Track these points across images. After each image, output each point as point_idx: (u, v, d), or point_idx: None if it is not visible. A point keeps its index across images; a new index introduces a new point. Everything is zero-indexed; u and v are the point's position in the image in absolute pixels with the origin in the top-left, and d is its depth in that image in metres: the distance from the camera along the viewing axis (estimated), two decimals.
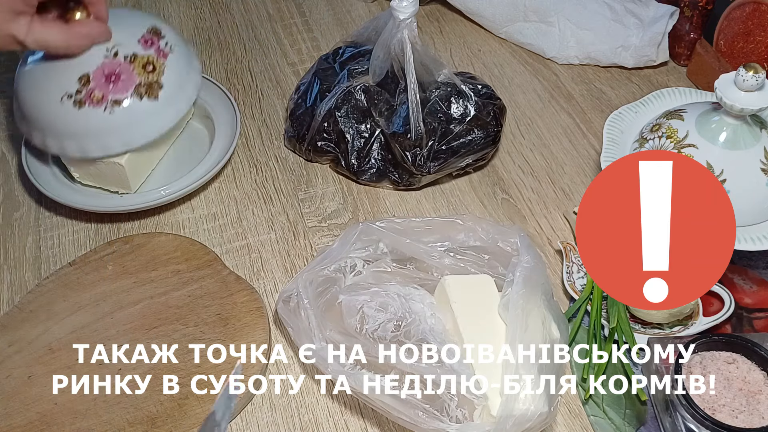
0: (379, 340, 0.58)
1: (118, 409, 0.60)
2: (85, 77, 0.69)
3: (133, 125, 0.70)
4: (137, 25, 0.73)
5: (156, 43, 0.72)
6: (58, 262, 0.72)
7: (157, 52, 0.72)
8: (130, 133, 0.70)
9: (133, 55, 0.70)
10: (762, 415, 0.56)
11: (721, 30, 0.85)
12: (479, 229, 0.65)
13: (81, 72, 0.69)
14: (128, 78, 0.69)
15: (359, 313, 0.60)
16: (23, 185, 0.79)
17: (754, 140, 0.62)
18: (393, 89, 0.78)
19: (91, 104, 0.69)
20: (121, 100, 0.69)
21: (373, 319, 0.59)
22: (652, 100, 0.72)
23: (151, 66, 0.70)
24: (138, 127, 0.71)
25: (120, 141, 0.70)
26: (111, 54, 0.70)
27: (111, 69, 0.69)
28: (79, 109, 0.69)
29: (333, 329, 0.59)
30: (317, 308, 0.60)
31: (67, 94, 0.69)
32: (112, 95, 0.69)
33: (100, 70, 0.69)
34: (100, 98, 0.69)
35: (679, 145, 0.63)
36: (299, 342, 0.60)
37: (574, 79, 0.92)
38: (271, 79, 0.92)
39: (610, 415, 0.61)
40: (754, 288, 0.69)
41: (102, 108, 0.69)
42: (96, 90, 0.69)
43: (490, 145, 0.78)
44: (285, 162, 0.82)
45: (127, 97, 0.69)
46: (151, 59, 0.71)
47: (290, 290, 0.62)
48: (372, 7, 1.03)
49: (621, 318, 0.64)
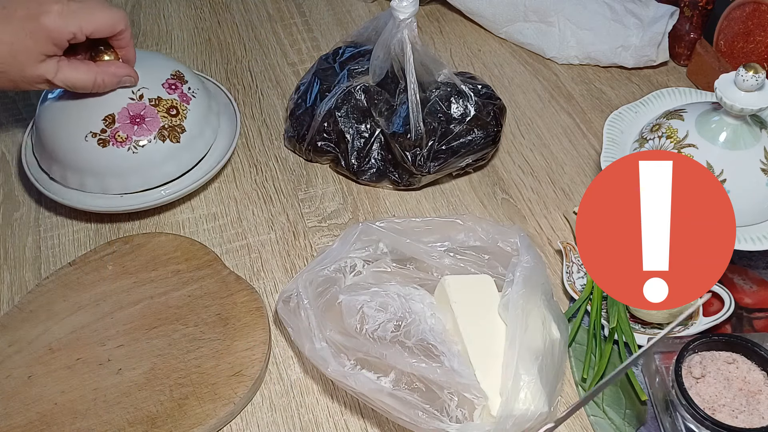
0: (379, 340, 0.58)
1: (118, 409, 0.60)
2: (111, 117, 0.71)
3: (155, 166, 0.72)
4: (162, 69, 0.76)
5: (180, 87, 0.75)
6: (58, 262, 0.72)
7: (180, 97, 0.74)
8: (150, 174, 0.72)
9: (158, 99, 0.73)
10: (762, 415, 0.56)
11: (721, 30, 0.85)
12: (479, 229, 0.65)
13: (106, 112, 0.71)
14: (153, 120, 0.72)
15: (359, 313, 0.60)
16: (23, 185, 0.79)
17: (754, 140, 0.62)
18: (393, 89, 0.78)
19: (115, 144, 0.71)
20: (144, 141, 0.71)
21: (373, 319, 0.59)
22: (652, 100, 0.72)
23: (174, 110, 0.73)
24: (159, 168, 0.73)
25: (140, 180, 0.72)
26: (137, 96, 0.72)
27: (136, 111, 0.72)
28: (103, 147, 0.71)
29: (333, 329, 0.59)
30: (317, 308, 0.60)
31: (92, 132, 0.71)
32: (135, 136, 0.71)
33: (125, 111, 0.71)
34: (124, 138, 0.71)
35: (679, 145, 0.63)
36: (299, 342, 0.60)
37: (574, 79, 0.92)
38: (271, 79, 0.92)
39: (610, 415, 0.61)
40: (754, 288, 0.69)
41: (125, 148, 0.71)
42: (120, 130, 0.71)
43: (490, 145, 0.78)
44: (285, 162, 0.82)
45: (150, 138, 0.72)
46: (175, 103, 0.73)
47: (290, 290, 0.62)
48: (372, 7, 1.03)
49: (621, 318, 0.64)
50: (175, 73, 0.76)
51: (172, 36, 0.98)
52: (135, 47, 0.72)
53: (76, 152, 0.71)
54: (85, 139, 0.71)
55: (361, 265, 0.66)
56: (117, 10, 0.69)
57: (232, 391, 0.61)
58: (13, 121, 0.86)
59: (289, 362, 0.65)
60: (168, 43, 0.96)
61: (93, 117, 0.71)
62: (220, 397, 0.61)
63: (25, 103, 0.88)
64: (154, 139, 0.72)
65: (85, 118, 0.71)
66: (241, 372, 0.62)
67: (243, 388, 0.61)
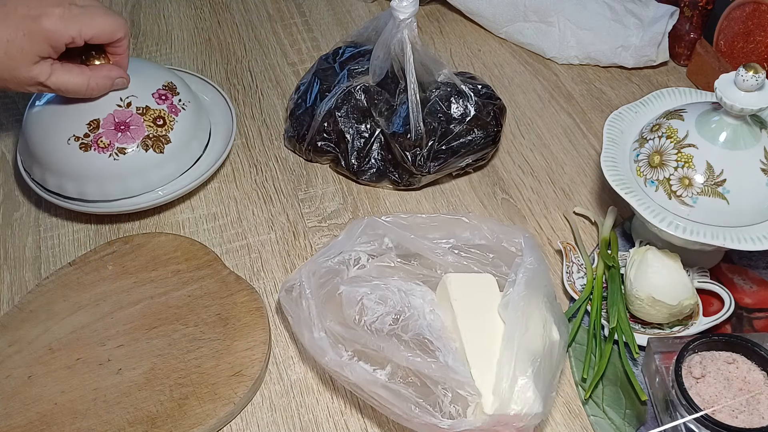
0: (376, 333, 0.58)
1: (118, 409, 0.60)
2: (95, 122, 0.71)
3: (135, 175, 0.72)
4: (154, 78, 0.75)
5: (170, 98, 0.74)
6: (58, 262, 0.72)
7: (169, 108, 0.74)
8: (130, 182, 0.72)
9: (146, 108, 0.72)
10: (762, 415, 0.56)
11: (721, 30, 0.85)
12: (484, 228, 0.65)
13: (92, 117, 0.71)
14: (137, 129, 0.72)
15: (359, 304, 0.60)
16: (23, 185, 0.79)
17: (754, 140, 0.62)
18: (393, 89, 0.78)
19: (97, 149, 0.70)
20: (126, 149, 0.71)
21: (372, 311, 0.59)
22: (652, 100, 0.72)
23: (161, 120, 0.73)
24: (140, 177, 0.72)
25: (120, 188, 0.72)
26: (124, 104, 0.72)
27: (121, 118, 0.71)
28: (84, 152, 0.70)
29: (333, 320, 0.59)
30: (318, 298, 0.60)
31: (75, 136, 0.70)
32: (118, 143, 0.71)
33: (111, 117, 0.71)
34: (107, 144, 0.70)
35: (679, 145, 0.63)
36: (299, 331, 0.60)
37: (574, 79, 0.92)
38: (271, 79, 0.92)
39: (610, 415, 0.61)
40: (754, 288, 0.69)
41: (107, 154, 0.70)
42: (104, 136, 0.70)
43: (490, 145, 0.78)
44: (285, 162, 0.82)
45: (133, 147, 0.71)
46: (163, 114, 0.73)
47: (293, 280, 0.62)
48: (372, 7, 1.03)
49: (621, 318, 0.64)
50: (167, 84, 0.75)
51: (172, 36, 0.98)
52: (134, 49, 0.72)
53: (58, 155, 0.71)
54: (67, 142, 0.70)
55: (365, 259, 0.66)
56: (118, 18, 0.68)
57: (232, 391, 0.61)
58: (13, 121, 0.86)
59: (289, 362, 0.65)
60: (168, 43, 0.96)
61: (78, 121, 0.71)
62: (220, 397, 0.61)
63: (25, 103, 0.88)
64: (137, 147, 0.71)
65: (69, 121, 0.71)
66: (241, 372, 0.62)
67: (243, 388, 0.61)
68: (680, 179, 0.62)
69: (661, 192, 0.63)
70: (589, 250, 0.72)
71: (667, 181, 0.63)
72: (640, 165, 0.65)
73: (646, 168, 0.65)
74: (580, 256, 0.70)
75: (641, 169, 0.65)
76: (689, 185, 0.62)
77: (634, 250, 0.66)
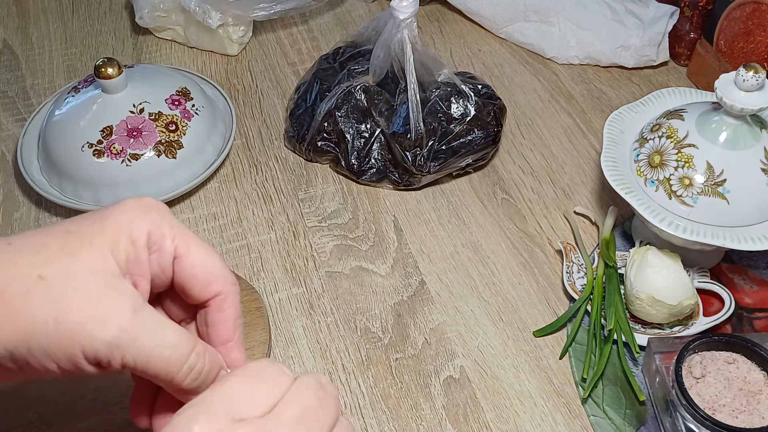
0: None
1: (118, 409, 0.60)
2: (108, 129, 0.72)
3: (148, 180, 0.73)
4: (168, 84, 0.76)
5: (183, 104, 0.75)
6: None
7: (182, 113, 0.75)
8: (143, 188, 0.73)
9: (158, 113, 0.73)
10: (762, 415, 0.56)
11: (721, 30, 0.85)
12: None
13: (105, 124, 0.72)
14: (150, 134, 0.72)
15: None
16: (23, 185, 0.79)
17: (754, 140, 0.62)
18: (393, 89, 0.78)
19: (110, 155, 0.71)
20: (139, 154, 0.72)
21: None
22: (652, 100, 0.72)
23: (174, 126, 0.73)
24: (153, 182, 0.73)
25: (133, 194, 0.72)
26: (137, 110, 0.73)
27: (134, 124, 0.72)
28: (98, 158, 0.71)
29: None
30: None
31: (89, 143, 0.72)
32: (131, 149, 0.71)
33: (124, 124, 0.72)
34: (119, 151, 0.71)
35: (679, 145, 0.63)
36: None
37: (574, 79, 0.92)
38: (271, 79, 0.92)
39: (610, 415, 0.61)
40: (754, 288, 0.69)
41: (119, 160, 0.71)
42: (117, 143, 0.71)
43: (490, 145, 0.78)
44: (285, 162, 0.82)
45: (145, 152, 0.72)
46: (176, 119, 0.74)
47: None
48: (372, 7, 1.03)
49: (620, 318, 0.64)
50: (181, 89, 0.76)
51: None
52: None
53: (73, 162, 0.72)
54: (81, 149, 0.72)
55: None
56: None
57: None
58: (13, 121, 0.86)
59: (289, 362, 0.65)
60: (168, 43, 0.96)
61: (91, 128, 0.72)
62: None
63: (24, 103, 0.88)
64: (150, 152, 0.72)
65: (83, 129, 0.72)
66: None
67: None
68: (680, 179, 0.62)
69: (661, 192, 0.63)
70: (590, 250, 0.72)
71: (667, 181, 0.63)
72: (640, 165, 0.65)
73: (646, 168, 0.65)
74: (581, 255, 0.70)
75: (641, 169, 0.65)
76: (689, 185, 0.62)
77: (634, 250, 0.66)
